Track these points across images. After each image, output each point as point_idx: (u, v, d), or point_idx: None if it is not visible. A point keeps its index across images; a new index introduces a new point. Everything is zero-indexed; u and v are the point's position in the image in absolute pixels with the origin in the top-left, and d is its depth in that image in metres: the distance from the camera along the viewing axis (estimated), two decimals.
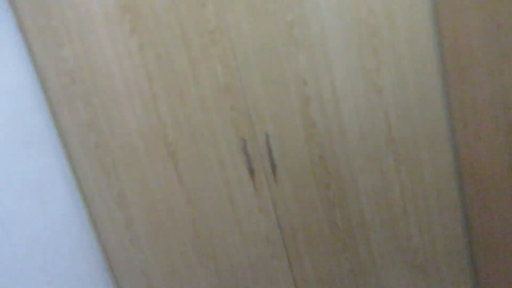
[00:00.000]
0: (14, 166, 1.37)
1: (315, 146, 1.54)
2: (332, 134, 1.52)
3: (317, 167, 1.56)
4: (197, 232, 1.64)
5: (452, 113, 1.46)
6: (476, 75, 1.25)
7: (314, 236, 1.63)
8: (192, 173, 1.58)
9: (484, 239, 1.50)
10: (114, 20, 1.45)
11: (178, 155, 1.57)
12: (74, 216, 1.60)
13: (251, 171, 1.57)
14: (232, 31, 1.45)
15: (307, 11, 1.42)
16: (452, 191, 1.55)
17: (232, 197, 1.60)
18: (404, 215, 1.58)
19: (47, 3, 1.44)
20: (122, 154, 1.57)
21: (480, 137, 1.33)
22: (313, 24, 1.43)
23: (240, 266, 1.67)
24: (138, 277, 1.69)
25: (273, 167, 1.56)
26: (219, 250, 1.66)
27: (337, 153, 1.54)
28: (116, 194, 1.61)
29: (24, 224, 1.36)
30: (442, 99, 1.47)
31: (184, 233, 1.64)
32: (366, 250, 1.63)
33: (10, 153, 1.36)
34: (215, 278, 1.68)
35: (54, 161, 1.56)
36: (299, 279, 1.68)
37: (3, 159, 1.33)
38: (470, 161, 1.44)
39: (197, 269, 1.68)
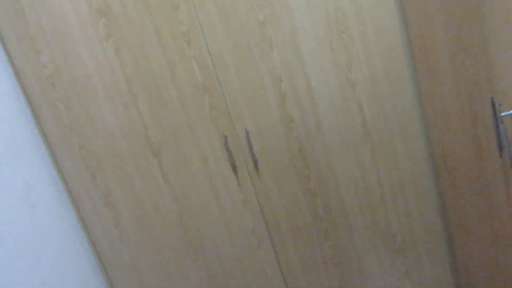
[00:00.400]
0: (0, 171, 1.39)
1: (294, 140, 1.58)
2: (310, 128, 1.56)
3: (297, 160, 1.60)
4: (185, 228, 1.69)
5: (422, 104, 1.51)
6: (442, 69, 1.29)
7: (298, 227, 1.68)
8: (176, 170, 1.62)
9: (459, 221, 1.56)
10: (89, 25, 1.47)
11: (161, 153, 1.60)
12: (63, 217, 1.64)
13: (234, 167, 1.61)
14: (206, 32, 1.47)
15: (277, 10, 1.45)
16: (427, 177, 1.60)
17: (217, 193, 1.65)
18: (382, 202, 1.64)
19: (23, 12, 1.46)
20: (107, 155, 1.61)
21: (449, 126, 1.38)
22: (285, 23, 1.46)
23: (228, 258, 1.72)
24: (129, 274, 1.74)
25: (255, 162, 1.60)
26: (207, 244, 1.71)
27: (315, 146, 1.58)
28: (103, 194, 1.65)
29: (14, 227, 1.39)
30: (412, 91, 1.51)
31: (171, 229, 1.69)
32: (347, 237, 1.69)
33: None
34: (204, 271, 1.74)
35: (40, 165, 1.59)
36: (285, 268, 1.74)
37: None
38: (441, 148, 1.49)
39: (186, 262, 1.73)
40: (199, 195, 1.65)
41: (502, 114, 1.04)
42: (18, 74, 1.53)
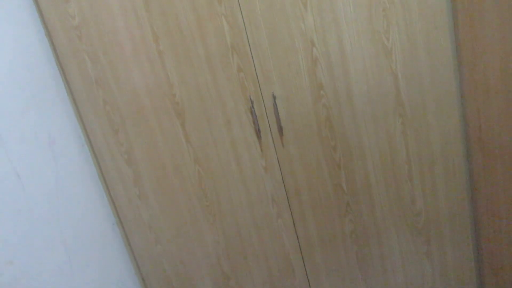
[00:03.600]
0: (26, 119, 1.39)
1: (322, 108, 1.52)
2: (340, 96, 1.50)
3: (323, 129, 1.55)
4: (204, 190, 1.67)
5: (462, 78, 1.42)
6: (489, 39, 1.21)
7: (319, 198, 1.65)
8: (199, 132, 1.59)
9: (488, 206, 1.49)
10: None
11: (185, 114, 1.57)
12: (84, 172, 1.64)
13: (258, 132, 1.57)
14: None
15: None
16: (459, 156, 1.53)
17: (239, 157, 1.62)
18: (408, 178, 1.58)
19: None
20: (130, 112, 1.59)
21: (489, 103, 1.30)
22: None
23: (245, 224, 1.71)
24: (146, 231, 1.75)
25: (280, 128, 1.56)
26: (225, 209, 1.69)
27: (344, 116, 1.53)
28: (124, 151, 1.64)
29: (38, 177, 1.39)
30: (452, 63, 1.43)
31: (191, 190, 1.67)
32: (369, 213, 1.65)
33: (22, 106, 1.38)
34: (221, 235, 1.73)
35: (64, 117, 1.58)
36: (302, 238, 1.71)
37: (15, 111, 1.35)
38: (478, 127, 1.41)
39: (203, 226, 1.72)
40: (221, 158, 1.62)
41: None
42: (45, 24, 1.51)
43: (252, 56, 1.48)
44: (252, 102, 1.53)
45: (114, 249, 1.73)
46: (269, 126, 1.56)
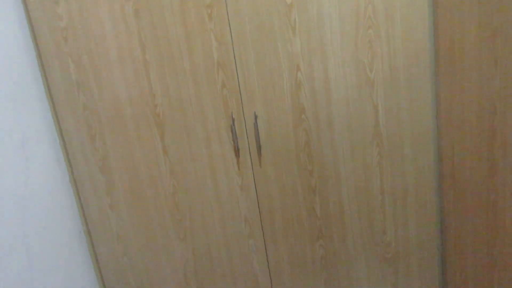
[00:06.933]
0: (1, 116, 1.35)
1: (302, 132, 1.54)
2: (320, 122, 1.52)
3: (301, 153, 1.56)
4: (177, 205, 1.65)
5: (439, 114, 1.46)
6: (467, 78, 1.25)
7: (292, 221, 1.64)
8: (177, 145, 1.58)
9: (456, 240, 1.52)
10: None
11: (165, 126, 1.56)
12: (56, 176, 1.60)
13: (236, 150, 1.57)
14: (230, 7, 1.43)
15: None
16: (431, 191, 1.56)
17: (215, 174, 1.61)
18: (381, 209, 1.60)
19: None
20: (109, 119, 1.57)
21: (463, 139, 1.34)
22: (312, 10, 1.41)
23: (216, 242, 1.69)
24: (114, 242, 1.71)
25: (259, 148, 1.56)
26: (197, 224, 1.67)
27: (323, 142, 1.54)
28: (99, 158, 1.61)
29: (7, 176, 1.35)
30: (431, 98, 1.47)
31: (164, 204, 1.65)
32: (340, 240, 1.65)
33: None
34: (190, 251, 1.70)
35: (40, 118, 1.55)
36: (272, 260, 1.70)
37: None
38: (451, 162, 1.44)
39: (173, 240, 1.69)
40: (197, 174, 1.61)
41: None
42: (31, 22, 1.49)
43: (237, 74, 1.49)
44: (233, 119, 1.53)
45: (79, 257, 1.68)
46: (248, 145, 1.56)
